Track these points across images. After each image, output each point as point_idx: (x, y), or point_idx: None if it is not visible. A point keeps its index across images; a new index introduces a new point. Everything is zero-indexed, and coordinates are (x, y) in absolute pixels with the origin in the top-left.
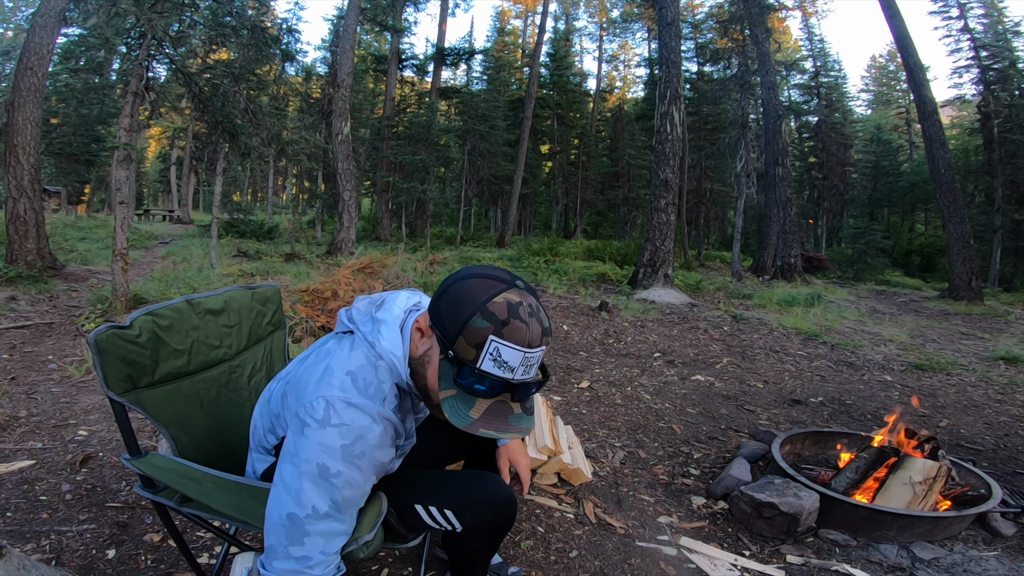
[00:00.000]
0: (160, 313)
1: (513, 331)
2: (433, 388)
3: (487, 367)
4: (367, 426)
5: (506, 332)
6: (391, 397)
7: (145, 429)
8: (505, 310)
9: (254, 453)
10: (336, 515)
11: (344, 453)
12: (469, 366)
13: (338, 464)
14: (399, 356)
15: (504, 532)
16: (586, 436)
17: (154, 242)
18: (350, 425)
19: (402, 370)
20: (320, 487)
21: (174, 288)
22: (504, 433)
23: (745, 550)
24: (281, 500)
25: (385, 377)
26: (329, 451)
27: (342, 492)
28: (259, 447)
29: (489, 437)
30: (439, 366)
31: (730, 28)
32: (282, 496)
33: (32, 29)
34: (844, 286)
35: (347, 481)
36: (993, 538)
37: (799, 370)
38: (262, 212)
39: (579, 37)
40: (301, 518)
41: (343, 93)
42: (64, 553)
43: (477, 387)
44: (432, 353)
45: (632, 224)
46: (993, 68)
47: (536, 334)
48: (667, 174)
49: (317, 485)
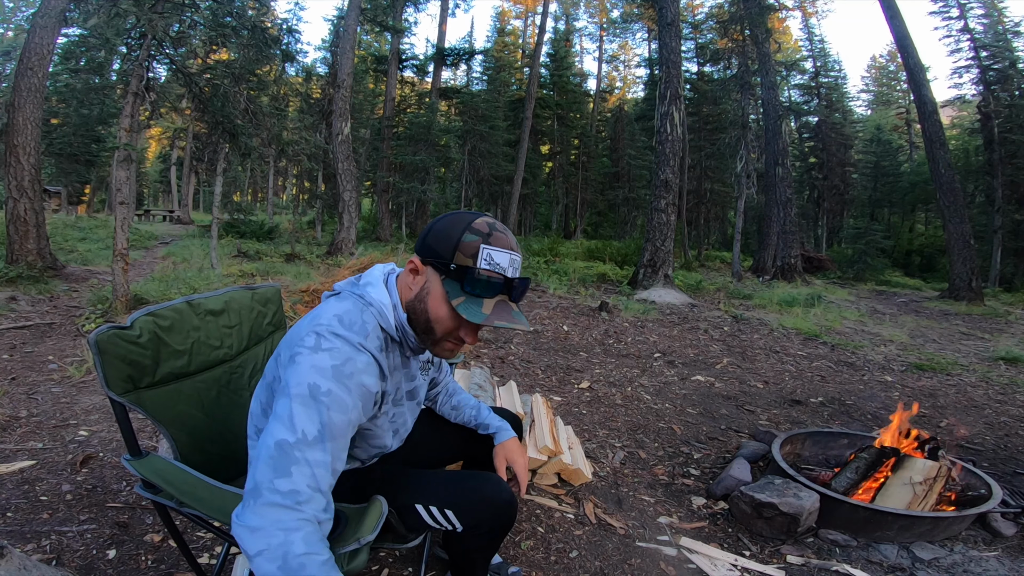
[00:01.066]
0: (161, 314)
1: (497, 239)
2: (436, 316)
3: (484, 268)
4: (353, 351)
5: (492, 240)
6: (374, 337)
7: (145, 429)
8: (486, 226)
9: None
10: (323, 443)
11: (335, 372)
12: (471, 272)
13: (328, 382)
14: (387, 304)
15: (504, 532)
16: (586, 436)
17: (154, 242)
18: (339, 348)
19: (391, 317)
20: (310, 408)
21: (174, 288)
22: (513, 325)
23: (745, 550)
24: (271, 430)
25: (370, 319)
26: (320, 371)
27: (330, 414)
28: (254, 430)
29: (502, 327)
30: (443, 286)
31: (730, 28)
32: (273, 427)
33: (32, 29)
34: (844, 286)
35: (336, 401)
36: (993, 538)
37: (799, 370)
38: (262, 212)
39: (579, 37)
40: (291, 443)
41: (343, 93)
42: (64, 553)
43: (480, 291)
44: (430, 283)
45: (632, 224)
46: (993, 68)
47: (513, 241)
48: (667, 174)
49: (307, 407)
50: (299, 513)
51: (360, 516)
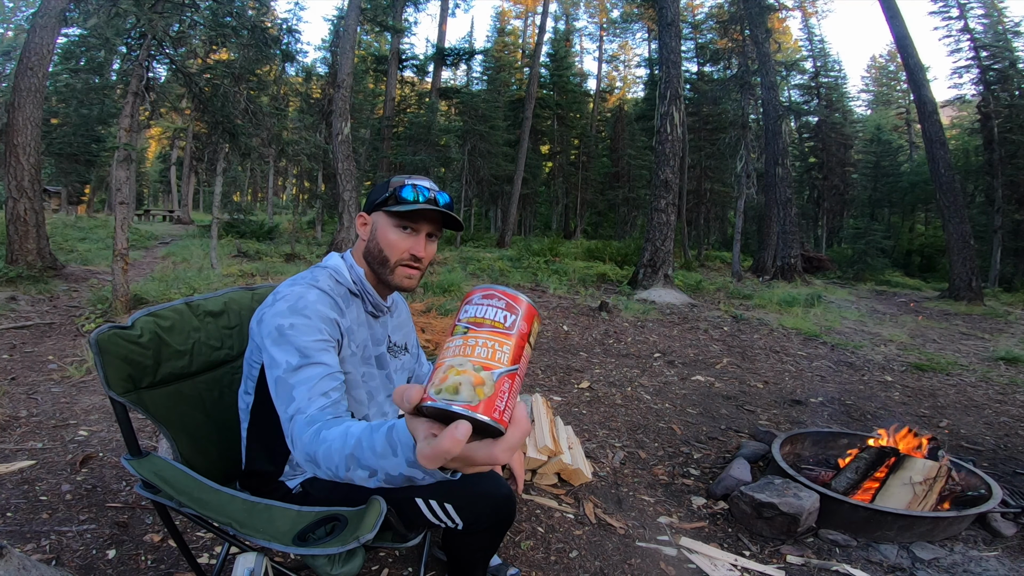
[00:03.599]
0: (161, 314)
1: (418, 178)
2: (386, 241)
3: (406, 188)
4: (304, 290)
5: (415, 177)
6: (324, 282)
7: (145, 429)
8: (407, 175)
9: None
10: (307, 361)
11: (291, 310)
12: (404, 188)
13: (288, 318)
14: (341, 264)
15: (504, 529)
16: (586, 436)
17: (154, 242)
18: (291, 293)
19: (346, 272)
20: (282, 344)
21: (174, 288)
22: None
23: (745, 550)
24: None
25: (321, 274)
26: (280, 314)
27: (300, 339)
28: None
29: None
30: (388, 219)
31: (730, 28)
32: (268, 373)
33: (32, 29)
34: (844, 286)
35: (301, 328)
36: (993, 538)
37: (799, 370)
38: (262, 212)
39: (579, 37)
40: (282, 376)
41: (343, 93)
42: (64, 553)
43: (413, 198)
44: (376, 221)
45: (632, 224)
46: (993, 68)
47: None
48: (667, 174)
49: (279, 344)
50: (314, 417)
51: (359, 516)
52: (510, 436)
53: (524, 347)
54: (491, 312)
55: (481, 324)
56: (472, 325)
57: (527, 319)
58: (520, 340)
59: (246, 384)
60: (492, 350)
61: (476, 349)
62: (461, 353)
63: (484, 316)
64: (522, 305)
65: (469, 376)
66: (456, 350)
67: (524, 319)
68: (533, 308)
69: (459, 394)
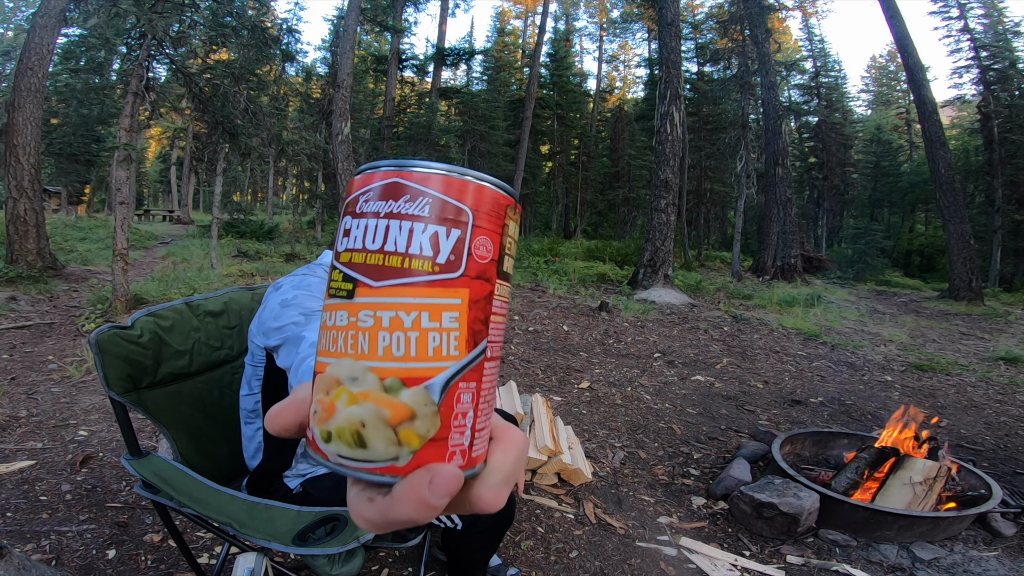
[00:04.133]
0: (161, 314)
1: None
2: None
3: None
4: (304, 277)
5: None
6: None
7: (145, 429)
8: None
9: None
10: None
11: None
12: None
13: (292, 292)
14: None
15: (504, 530)
16: (586, 436)
17: (154, 242)
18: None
19: None
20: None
21: (174, 288)
22: None
23: (745, 550)
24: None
25: (317, 270)
26: (285, 292)
27: (304, 305)
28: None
29: None
30: None
31: (730, 28)
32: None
33: (32, 29)
34: (844, 286)
35: (303, 299)
36: (993, 538)
37: (799, 370)
38: (262, 212)
39: (579, 37)
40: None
41: (343, 93)
42: (64, 553)
43: None
44: None
45: (632, 224)
46: (993, 68)
47: None
48: (667, 174)
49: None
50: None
51: None
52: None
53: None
54: (397, 233)
55: (378, 268)
56: (363, 275)
57: (490, 222)
58: (483, 285)
59: (250, 384)
60: (416, 332)
61: (378, 336)
62: (350, 348)
63: (385, 247)
64: (472, 192)
65: (375, 407)
66: (340, 339)
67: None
68: (497, 191)
69: (366, 447)
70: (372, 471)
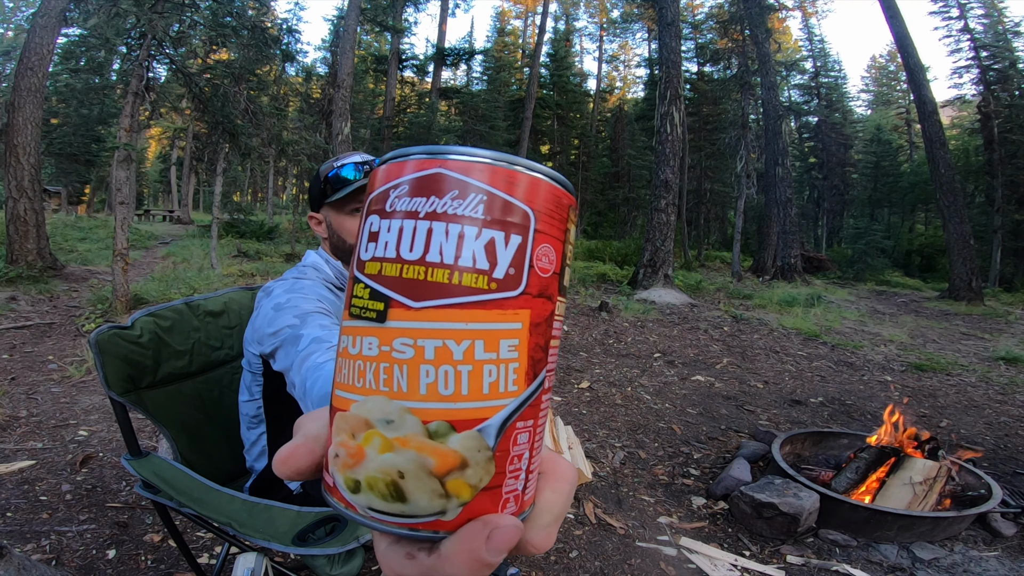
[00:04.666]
0: (161, 314)
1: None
2: (345, 229)
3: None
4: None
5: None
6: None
7: (145, 429)
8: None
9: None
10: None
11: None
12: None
13: (285, 296)
14: (319, 261)
15: None
16: (586, 436)
17: (154, 242)
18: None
19: (327, 268)
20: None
21: (174, 288)
22: None
23: (745, 550)
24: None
25: (305, 271)
26: (277, 297)
27: (298, 307)
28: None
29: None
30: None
31: (730, 28)
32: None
33: (32, 29)
34: (844, 286)
35: (296, 301)
36: (993, 538)
37: (799, 370)
38: (262, 212)
39: (579, 37)
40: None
41: (343, 93)
42: (64, 553)
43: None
44: (328, 216)
45: (632, 224)
46: (993, 68)
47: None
48: (667, 174)
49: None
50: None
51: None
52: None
53: (553, 316)
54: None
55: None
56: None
57: (552, 225)
58: (544, 304)
59: (250, 391)
60: (468, 366)
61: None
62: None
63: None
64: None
65: (417, 455)
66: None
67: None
68: (559, 187)
69: (406, 501)
70: (413, 527)
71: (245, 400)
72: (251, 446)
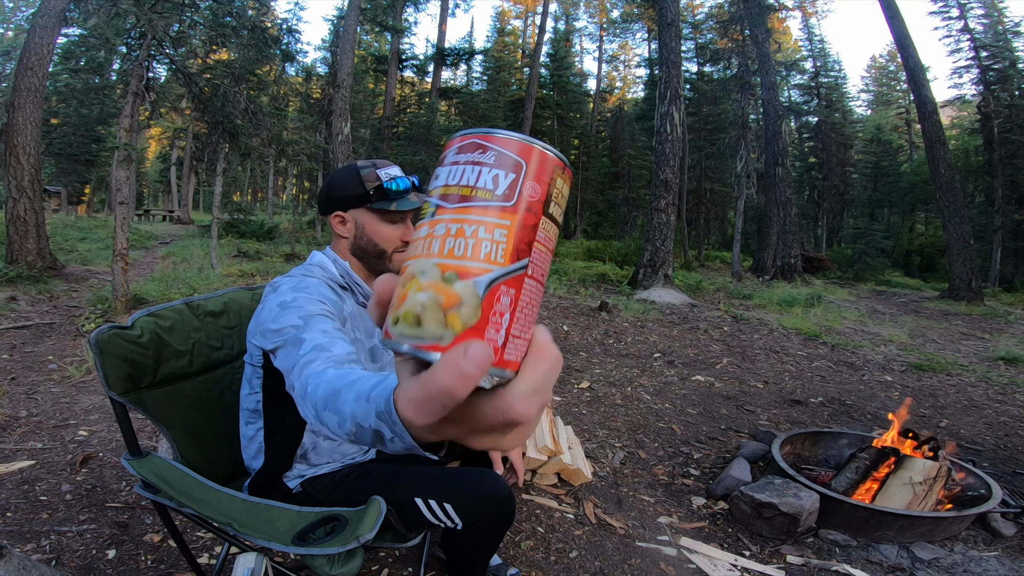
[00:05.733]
0: (161, 314)
1: (381, 163)
2: (380, 236)
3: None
4: (301, 279)
5: (379, 164)
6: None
7: (145, 429)
8: (367, 160)
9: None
10: (306, 326)
11: (292, 289)
12: (384, 185)
13: (291, 294)
14: (326, 260)
15: (504, 529)
16: (586, 436)
17: (154, 242)
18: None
19: (333, 268)
20: (287, 311)
21: (174, 288)
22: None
23: (745, 550)
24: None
25: (312, 270)
26: (282, 294)
27: (303, 309)
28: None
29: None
30: (371, 212)
31: (730, 28)
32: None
33: (32, 29)
34: (844, 286)
35: (302, 300)
36: (993, 538)
37: (799, 370)
38: (262, 212)
39: (579, 37)
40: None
41: (343, 93)
42: (64, 553)
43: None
44: (361, 219)
45: (632, 224)
46: (993, 68)
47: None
48: (667, 174)
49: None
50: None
51: (359, 516)
52: (527, 374)
53: (537, 227)
54: (470, 173)
55: (454, 196)
56: (443, 201)
57: (539, 174)
58: (529, 215)
59: (251, 384)
60: (473, 240)
61: (446, 241)
62: (425, 250)
63: (460, 181)
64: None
65: (434, 293)
66: (420, 246)
67: (534, 175)
68: (548, 153)
69: (420, 326)
70: (421, 348)
71: (246, 394)
72: (248, 443)
